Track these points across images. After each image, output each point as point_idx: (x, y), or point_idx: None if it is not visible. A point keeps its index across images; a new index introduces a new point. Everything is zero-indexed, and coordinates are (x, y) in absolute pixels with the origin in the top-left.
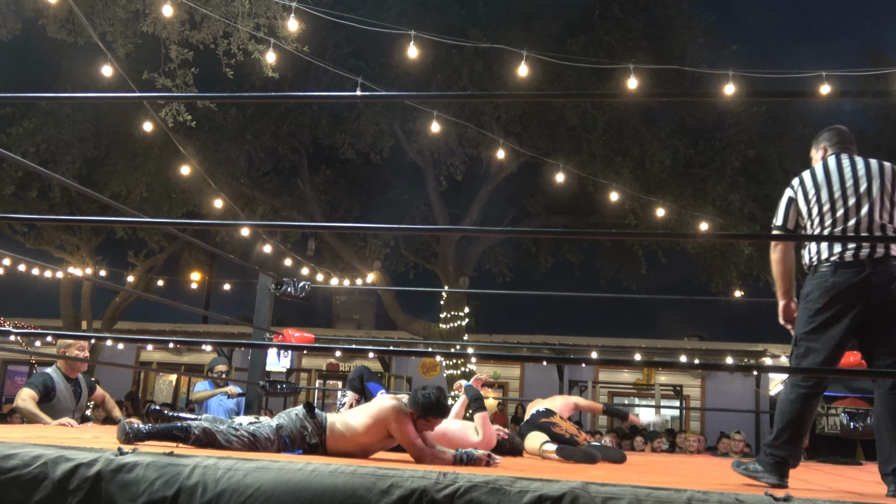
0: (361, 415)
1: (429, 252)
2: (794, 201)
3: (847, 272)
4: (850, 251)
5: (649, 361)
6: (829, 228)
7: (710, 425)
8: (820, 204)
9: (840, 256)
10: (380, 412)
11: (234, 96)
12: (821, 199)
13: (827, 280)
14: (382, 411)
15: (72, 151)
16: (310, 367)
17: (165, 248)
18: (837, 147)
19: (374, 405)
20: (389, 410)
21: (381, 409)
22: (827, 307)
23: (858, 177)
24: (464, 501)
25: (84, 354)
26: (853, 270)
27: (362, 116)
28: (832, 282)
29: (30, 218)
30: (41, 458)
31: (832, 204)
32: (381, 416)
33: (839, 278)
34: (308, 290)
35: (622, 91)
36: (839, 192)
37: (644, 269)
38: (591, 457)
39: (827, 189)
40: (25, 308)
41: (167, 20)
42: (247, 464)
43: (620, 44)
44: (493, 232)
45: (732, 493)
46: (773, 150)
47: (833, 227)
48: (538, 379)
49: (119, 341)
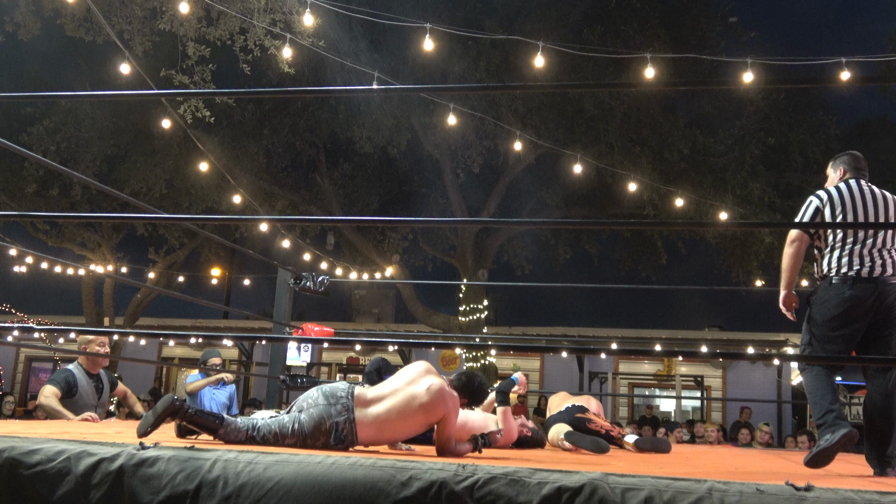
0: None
1: (447, 245)
2: (821, 212)
3: (863, 287)
4: (867, 269)
5: (670, 351)
6: (849, 245)
7: (731, 416)
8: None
9: (857, 272)
10: (435, 402)
11: (251, 92)
12: (846, 219)
13: (845, 291)
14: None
15: (92, 149)
16: (330, 361)
17: (186, 245)
18: (855, 172)
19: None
20: (450, 400)
21: (436, 399)
22: (843, 314)
23: (877, 206)
24: (483, 493)
25: (105, 350)
26: (869, 286)
27: (379, 110)
28: (850, 294)
29: (52, 215)
30: (64, 453)
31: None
32: (436, 408)
33: (856, 291)
34: (327, 284)
35: (640, 81)
36: (863, 217)
37: (664, 260)
38: (599, 445)
39: (853, 212)
40: (48, 305)
41: (184, 17)
42: (267, 457)
43: (638, 33)
44: (511, 223)
45: (753, 483)
46: (793, 138)
47: (853, 245)
48: (558, 371)
49: (141, 337)
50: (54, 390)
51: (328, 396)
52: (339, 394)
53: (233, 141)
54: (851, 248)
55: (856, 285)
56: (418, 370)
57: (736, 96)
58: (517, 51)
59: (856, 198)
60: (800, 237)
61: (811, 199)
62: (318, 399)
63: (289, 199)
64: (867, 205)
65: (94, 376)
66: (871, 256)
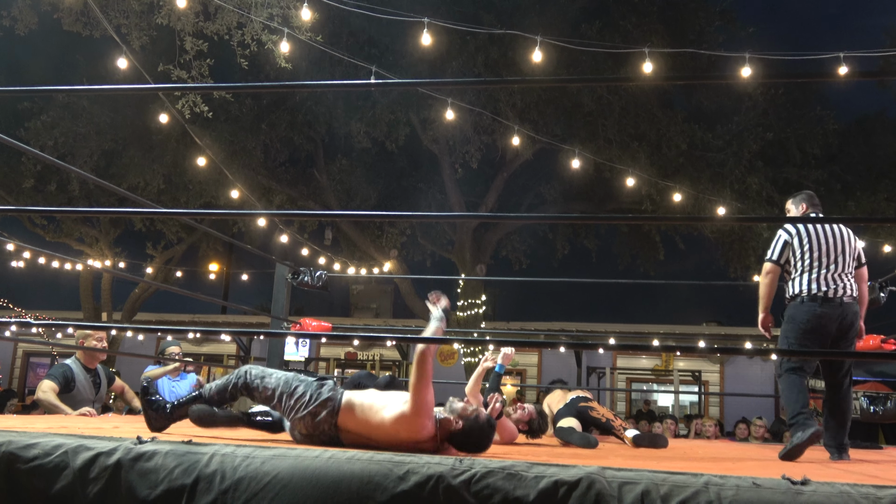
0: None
1: (445, 240)
2: (790, 245)
3: (830, 305)
4: (832, 290)
5: (667, 346)
6: (816, 270)
7: (729, 411)
8: (811, 252)
9: (825, 293)
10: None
11: (249, 86)
12: (812, 249)
13: (816, 309)
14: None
15: (89, 144)
16: (328, 356)
17: (184, 240)
18: (814, 209)
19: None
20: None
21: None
22: (814, 328)
23: (836, 238)
24: (480, 487)
25: (102, 345)
26: (835, 304)
27: (377, 105)
28: (820, 311)
29: (49, 210)
30: (62, 448)
31: (819, 254)
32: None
33: (826, 309)
34: (325, 279)
35: (638, 75)
36: (826, 248)
37: (662, 255)
38: (588, 441)
39: (817, 243)
40: (46, 300)
41: (181, 11)
42: (264, 451)
43: (636, 28)
44: (509, 218)
45: (749, 476)
46: (790, 133)
47: (819, 270)
48: (556, 366)
49: (139, 332)
50: (52, 385)
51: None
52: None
53: (231, 136)
54: (819, 273)
55: (824, 304)
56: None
57: (734, 91)
58: (515, 46)
59: (819, 231)
60: (773, 269)
61: (780, 233)
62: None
63: (287, 194)
64: (828, 236)
65: (92, 371)
66: (835, 280)
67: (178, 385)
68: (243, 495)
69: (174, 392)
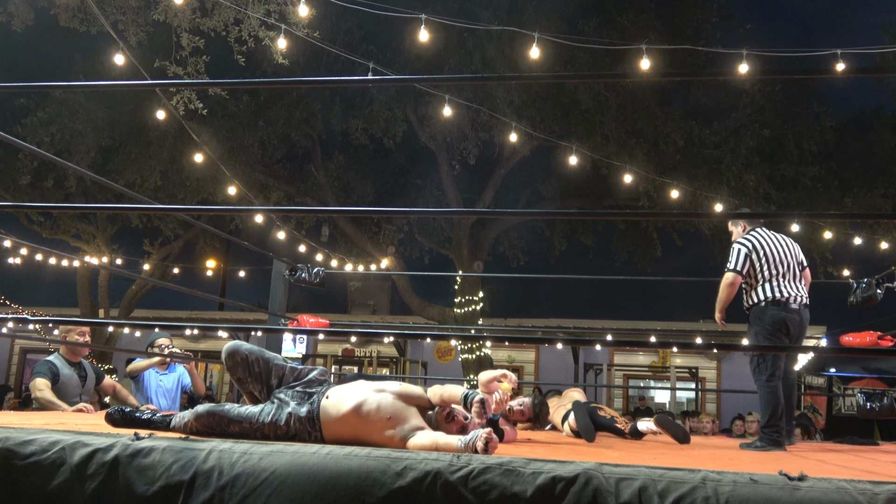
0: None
1: (443, 237)
2: (750, 256)
3: (790, 310)
4: (791, 296)
5: (665, 343)
6: (777, 279)
7: (726, 407)
8: (769, 263)
9: (786, 299)
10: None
11: (245, 82)
12: (769, 259)
13: (780, 313)
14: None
15: (86, 141)
16: (325, 352)
17: (181, 236)
18: (752, 226)
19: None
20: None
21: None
22: (778, 331)
23: (786, 249)
24: (478, 483)
25: (85, 339)
26: (795, 310)
27: (375, 102)
28: (783, 315)
29: (46, 206)
30: (59, 444)
31: (776, 264)
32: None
33: (788, 313)
34: (322, 275)
35: (635, 72)
36: (779, 257)
37: (659, 252)
38: (590, 431)
39: (773, 254)
40: (43, 297)
41: (178, 7)
42: (262, 448)
43: (633, 24)
44: (507, 214)
45: (747, 472)
46: (788, 130)
47: (779, 278)
48: (553, 363)
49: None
50: (46, 382)
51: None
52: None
53: (228, 132)
54: (779, 281)
55: (785, 309)
56: None
57: (731, 88)
58: (513, 42)
59: (773, 242)
60: (736, 280)
61: (739, 247)
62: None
63: (284, 191)
64: (780, 247)
65: (76, 364)
66: (793, 288)
67: (165, 378)
68: (241, 491)
69: (161, 385)
